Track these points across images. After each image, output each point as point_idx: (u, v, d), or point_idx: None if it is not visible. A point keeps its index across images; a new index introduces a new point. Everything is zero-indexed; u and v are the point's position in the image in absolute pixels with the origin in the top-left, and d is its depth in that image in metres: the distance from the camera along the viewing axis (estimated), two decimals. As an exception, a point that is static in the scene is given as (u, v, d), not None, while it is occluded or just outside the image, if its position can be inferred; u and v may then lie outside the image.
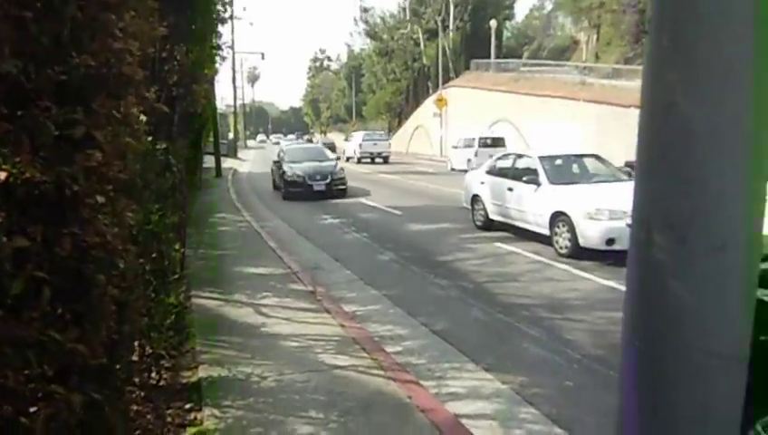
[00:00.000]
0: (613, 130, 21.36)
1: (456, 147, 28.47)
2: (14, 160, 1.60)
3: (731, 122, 1.11)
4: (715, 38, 1.09)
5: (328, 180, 18.07)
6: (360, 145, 35.33)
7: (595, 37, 44.46)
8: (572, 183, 10.08)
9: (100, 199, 1.91)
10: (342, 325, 5.91)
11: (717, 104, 1.12)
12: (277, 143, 71.09)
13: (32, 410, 1.75)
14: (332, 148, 36.39)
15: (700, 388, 1.19)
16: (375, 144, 35.16)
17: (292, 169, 18.47)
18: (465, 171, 16.44)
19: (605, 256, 8.45)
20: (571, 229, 8.95)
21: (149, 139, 4.13)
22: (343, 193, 18.22)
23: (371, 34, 67.55)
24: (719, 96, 1.12)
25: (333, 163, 19.54)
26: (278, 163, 20.04)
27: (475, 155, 25.18)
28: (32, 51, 1.63)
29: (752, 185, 1.11)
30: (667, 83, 1.18)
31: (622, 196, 8.63)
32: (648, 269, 1.25)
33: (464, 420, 4.01)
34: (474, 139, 26.93)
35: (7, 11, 1.51)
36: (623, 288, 1.30)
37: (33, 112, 1.65)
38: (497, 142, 26.31)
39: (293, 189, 18.13)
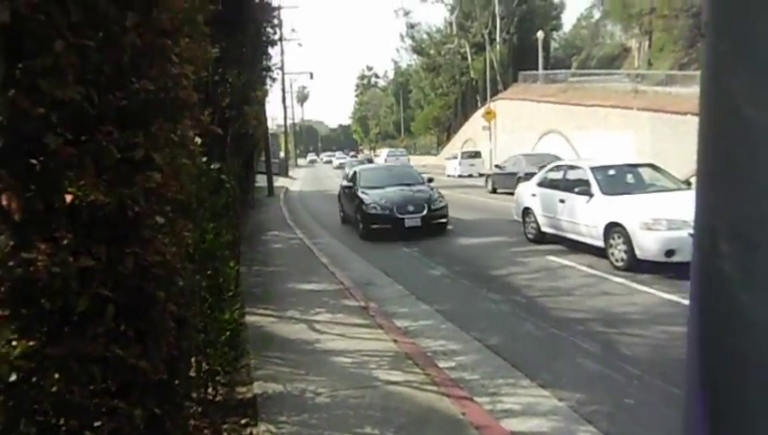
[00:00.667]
0: (669, 139, 20.75)
1: (447, 159, 40.03)
2: (78, 184, 1.68)
3: (796, 126, 1.06)
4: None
5: (424, 212, 12.98)
6: (386, 159, 42.50)
7: (647, 43, 43.45)
8: (627, 193, 9.81)
9: (160, 220, 1.97)
10: (395, 341, 5.90)
11: (782, 108, 1.08)
12: (329, 162, 71.61)
13: (96, 424, 1.81)
14: (370, 162, 39.29)
15: (772, 401, 1.13)
16: (397, 159, 42.49)
17: (372, 198, 13.56)
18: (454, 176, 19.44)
19: (664, 269, 8.14)
20: (627, 241, 8.68)
21: (204, 159, 4.26)
22: (443, 228, 13.36)
23: (418, 50, 67.88)
24: (784, 101, 1.08)
25: (428, 188, 14.45)
26: (350, 189, 15.15)
27: (459, 164, 35.60)
28: (94, 78, 1.71)
29: (820, 190, 1.06)
30: (728, 88, 1.14)
31: (681, 205, 8.35)
32: (714, 280, 1.20)
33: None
34: (457, 153, 38.15)
35: (71, 40, 1.59)
36: (686, 302, 1.25)
37: (96, 137, 1.72)
38: (475, 155, 36.65)
39: (376, 225, 13.18)
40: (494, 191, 23.43)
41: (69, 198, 1.65)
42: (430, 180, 15.42)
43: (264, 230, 15.05)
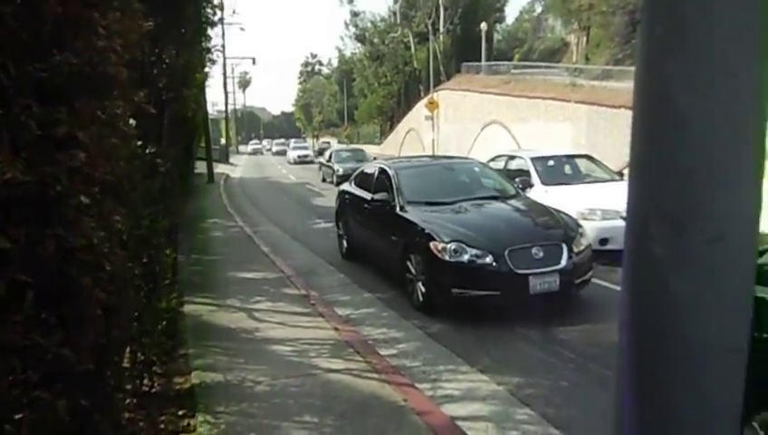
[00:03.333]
0: (604, 131, 21.42)
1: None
2: (-6, 160, 1.56)
3: (727, 112, 1.08)
4: (711, 25, 1.07)
5: (562, 263, 6.37)
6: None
7: (585, 39, 44.63)
8: (565, 183, 10.08)
9: (85, 200, 1.87)
10: (336, 329, 5.87)
11: (713, 94, 1.10)
12: (281, 153, 57.22)
13: (17, 416, 1.70)
14: (321, 154, 37.93)
15: (699, 381, 1.17)
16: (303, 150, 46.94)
17: (443, 228, 6.71)
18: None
19: (599, 257, 8.40)
20: (565, 229, 8.87)
21: (139, 142, 4.09)
22: (584, 285, 6.75)
23: (362, 39, 67.60)
24: (715, 85, 1.09)
25: (542, 205, 7.96)
26: (374, 205, 8.34)
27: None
28: (11, 48, 1.59)
29: (748, 175, 1.08)
30: (661, 74, 1.15)
31: (615, 195, 8.63)
32: (645, 263, 1.22)
33: (459, 423, 3.97)
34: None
35: (-16, 6, 1.48)
36: (617, 288, 1.27)
37: (13, 111, 1.61)
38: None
39: (464, 290, 6.31)
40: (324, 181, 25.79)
41: (-18, 175, 1.54)
42: (522, 187, 9.11)
43: (204, 218, 14.70)
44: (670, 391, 1.18)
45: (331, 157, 26.88)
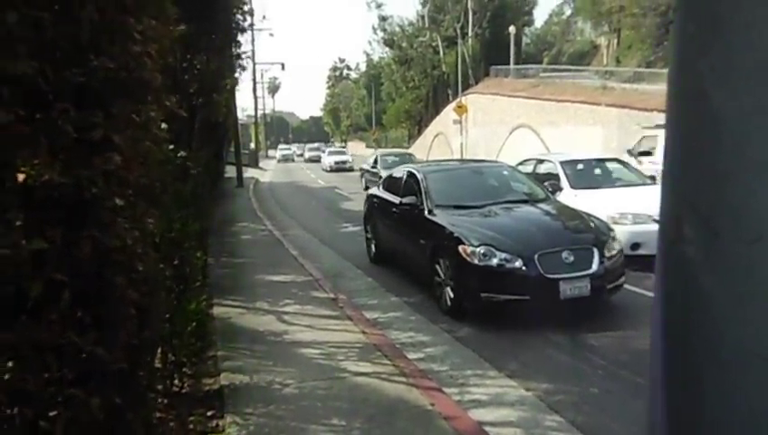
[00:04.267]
0: (635, 134, 21.11)
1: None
2: (32, 163, 1.60)
3: (764, 110, 1.06)
4: (748, 21, 1.05)
5: (593, 267, 6.27)
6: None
7: (615, 41, 44.09)
8: (595, 187, 9.95)
9: (120, 203, 1.90)
10: (364, 332, 5.88)
11: (749, 91, 1.07)
12: (314, 159, 51.47)
13: (51, 413, 1.74)
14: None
15: (737, 388, 1.13)
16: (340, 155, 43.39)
17: (471, 232, 6.65)
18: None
19: (630, 262, 8.27)
20: (595, 234, 8.75)
21: (171, 146, 4.16)
22: (617, 290, 6.64)
23: (390, 43, 67.77)
24: (751, 83, 1.07)
25: (573, 210, 7.79)
26: (403, 208, 8.37)
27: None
28: (49, 52, 1.64)
29: (786, 175, 1.06)
30: (696, 72, 1.13)
31: (647, 199, 8.49)
32: (679, 265, 1.19)
33: (487, 428, 3.94)
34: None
35: (24, 12, 1.52)
36: (650, 294, 1.25)
37: (51, 115, 1.65)
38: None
39: (493, 294, 6.22)
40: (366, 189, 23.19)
41: (21, 177, 1.58)
42: (552, 191, 8.96)
43: (233, 221, 14.87)
44: (706, 399, 1.16)
45: (376, 162, 23.48)
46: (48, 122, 1.65)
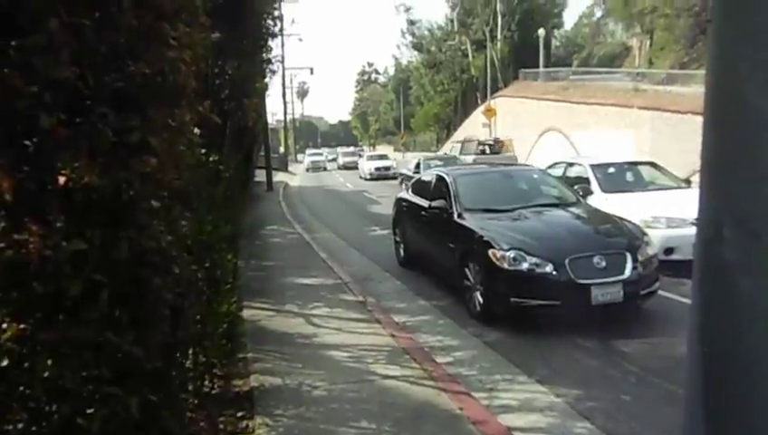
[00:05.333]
0: (669, 138, 20.73)
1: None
2: (72, 166, 1.65)
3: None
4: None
5: (626, 273, 6.10)
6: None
7: (648, 42, 43.41)
8: (626, 191, 9.80)
9: (155, 205, 1.94)
10: (393, 335, 5.88)
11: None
12: (351, 166, 43.69)
13: (89, 411, 1.78)
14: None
15: (777, 396, 1.11)
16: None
17: (501, 236, 6.55)
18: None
19: (664, 267, 8.11)
20: (627, 238, 8.60)
21: (203, 151, 4.23)
22: (650, 296, 6.46)
23: (418, 47, 67.84)
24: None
25: (605, 213, 7.73)
26: (432, 212, 8.25)
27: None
28: (90, 58, 1.68)
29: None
30: (735, 74, 1.11)
31: (681, 203, 8.33)
32: (717, 268, 1.18)
33: (516, 434, 3.90)
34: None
35: (66, 19, 1.56)
36: (684, 300, 1.23)
37: (91, 119, 1.70)
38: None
39: (524, 299, 6.12)
40: None
41: (62, 179, 1.63)
42: (582, 194, 8.69)
43: (263, 224, 15.01)
44: (746, 404, 1.13)
45: (418, 167, 21.08)
46: (88, 126, 1.70)
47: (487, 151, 26.16)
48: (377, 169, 33.73)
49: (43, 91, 1.55)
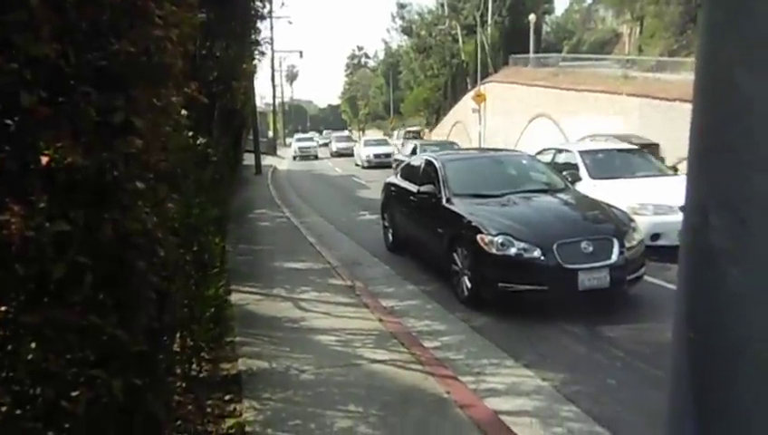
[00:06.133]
0: (658, 125, 20.80)
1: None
2: (55, 145, 1.62)
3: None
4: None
5: (613, 258, 6.19)
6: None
7: (638, 30, 43.43)
8: (614, 178, 9.84)
9: (140, 186, 1.92)
10: (380, 320, 5.89)
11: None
12: (346, 152, 40.43)
13: (73, 393, 1.76)
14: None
15: (763, 381, 1.11)
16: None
17: (489, 221, 6.61)
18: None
19: (650, 253, 8.18)
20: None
21: (190, 133, 4.18)
22: (637, 281, 6.54)
23: (408, 31, 67.41)
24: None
25: (591, 199, 7.86)
26: (421, 197, 8.32)
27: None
28: (71, 35, 1.64)
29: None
30: (724, 60, 1.10)
31: (668, 190, 8.39)
32: (704, 254, 1.17)
33: (503, 417, 3.93)
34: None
35: (47, -6, 1.53)
36: (669, 286, 1.23)
37: (73, 98, 1.66)
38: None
39: (511, 284, 6.19)
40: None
41: (45, 159, 1.60)
42: (571, 181, 8.90)
43: (252, 208, 14.94)
44: (730, 391, 1.14)
45: (414, 153, 19.75)
46: (70, 105, 1.67)
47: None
48: (375, 155, 31.16)
49: (24, 69, 1.51)
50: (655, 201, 8.40)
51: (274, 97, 46.37)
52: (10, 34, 1.49)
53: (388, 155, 29.63)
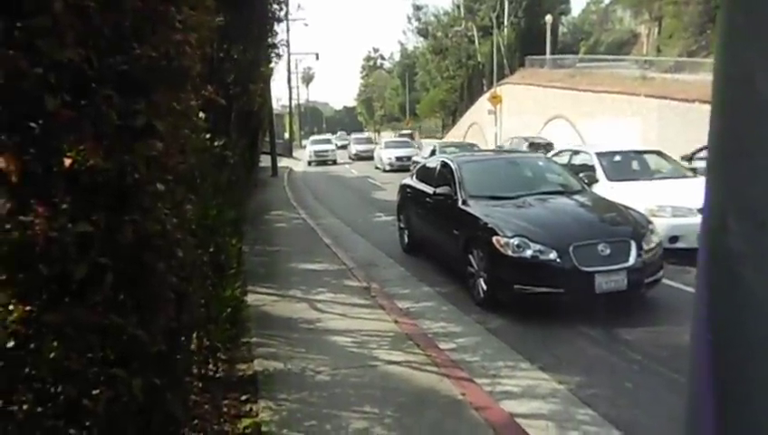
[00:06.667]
0: (676, 126, 20.60)
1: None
2: (78, 148, 1.65)
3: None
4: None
5: (630, 260, 6.10)
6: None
7: (656, 30, 43.04)
8: (632, 180, 9.77)
9: (160, 188, 1.94)
10: (396, 321, 5.90)
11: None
12: (365, 155, 36.56)
13: (94, 392, 1.79)
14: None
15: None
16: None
17: (505, 223, 6.55)
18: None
19: (668, 255, 8.09)
20: (632, 227, 8.58)
21: (208, 135, 4.22)
22: (655, 284, 6.42)
23: (424, 33, 67.46)
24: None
25: (608, 201, 7.70)
26: (437, 199, 8.29)
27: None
28: (94, 40, 1.68)
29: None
30: (743, 62, 1.10)
31: (687, 192, 8.30)
32: (723, 257, 1.17)
33: (518, 420, 3.92)
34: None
35: (71, 1, 1.56)
36: (688, 289, 1.23)
37: (96, 101, 1.69)
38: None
39: (526, 286, 6.10)
40: None
41: (68, 162, 1.63)
42: (587, 182, 8.73)
43: (268, 209, 15.02)
44: (749, 394, 1.13)
45: (434, 154, 19.25)
46: (93, 109, 1.70)
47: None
48: (398, 158, 28.37)
49: (48, 73, 1.55)
50: (673, 203, 8.31)
51: (290, 99, 46.65)
52: (34, 39, 1.53)
53: (410, 157, 26.88)
